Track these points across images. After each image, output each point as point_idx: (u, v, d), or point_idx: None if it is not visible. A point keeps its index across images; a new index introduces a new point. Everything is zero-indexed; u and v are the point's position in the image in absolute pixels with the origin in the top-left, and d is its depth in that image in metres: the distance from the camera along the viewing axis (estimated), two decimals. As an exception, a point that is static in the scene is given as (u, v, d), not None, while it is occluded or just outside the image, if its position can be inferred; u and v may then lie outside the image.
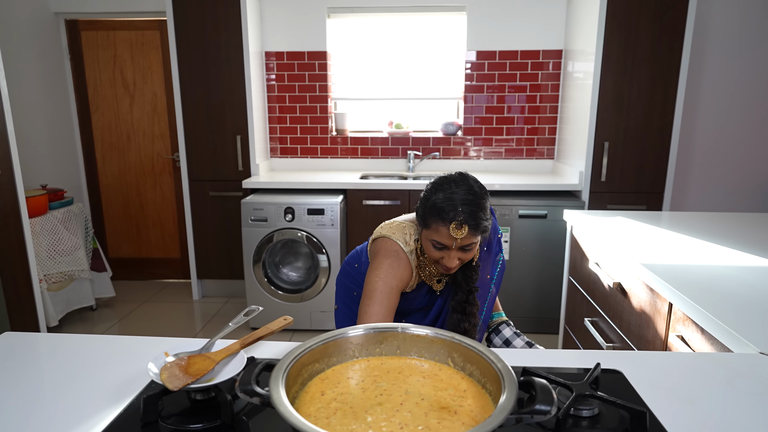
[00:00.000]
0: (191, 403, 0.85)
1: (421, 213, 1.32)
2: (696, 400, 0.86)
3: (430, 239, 1.29)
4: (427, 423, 0.70)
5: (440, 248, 1.29)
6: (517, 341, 1.38)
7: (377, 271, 1.36)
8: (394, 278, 1.36)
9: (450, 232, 1.24)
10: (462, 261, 1.32)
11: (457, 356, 0.84)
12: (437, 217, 1.26)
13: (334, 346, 0.85)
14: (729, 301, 1.30)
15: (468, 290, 1.43)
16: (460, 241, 1.26)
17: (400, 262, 1.39)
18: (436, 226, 1.26)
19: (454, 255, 1.29)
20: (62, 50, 3.82)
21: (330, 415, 0.72)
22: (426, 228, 1.30)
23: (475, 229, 1.26)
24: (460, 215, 1.24)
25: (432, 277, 1.46)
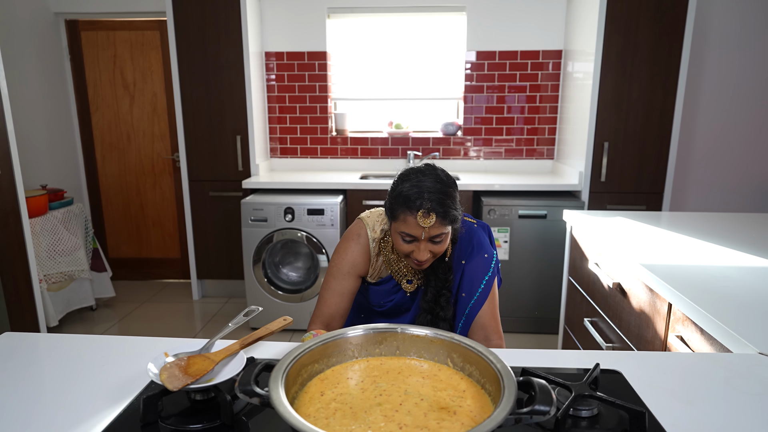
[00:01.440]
0: (191, 403, 0.85)
1: (389, 205, 1.28)
2: (695, 401, 0.87)
3: (399, 231, 1.24)
4: (427, 423, 0.70)
5: (410, 241, 1.24)
6: None
7: (334, 254, 1.43)
8: (346, 263, 1.39)
9: (418, 221, 1.20)
10: (433, 254, 1.27)
11: (457, 357, 0.84)
12: (404, 207, 1.22)
13: (334, 347, 0.85)
14: (728, 301, 1.30)
15: (437, 288, 1.36)
16: (429, 230, 1.21)
17: (356, 246, 1.39)
18: (404, 217, 1.22)
19: (424, 247, 1.24)
20: (62, 50, 3.83)
21: (329, 416, 0.72)
22: (394, 220, 1.25)
23: (444, 218, 1.22)
24: (427, 203, 1.20)
25: (401, 276, 1.41)
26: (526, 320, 3.22)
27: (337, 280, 1.39)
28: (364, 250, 1.40)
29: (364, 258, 1.40)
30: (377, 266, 1.42)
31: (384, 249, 1.40)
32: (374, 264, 1.41)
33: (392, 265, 1.40)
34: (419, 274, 1.42)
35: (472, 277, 1.38)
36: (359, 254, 1.40)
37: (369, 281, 1.44)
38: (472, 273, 1.38)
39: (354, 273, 1.40)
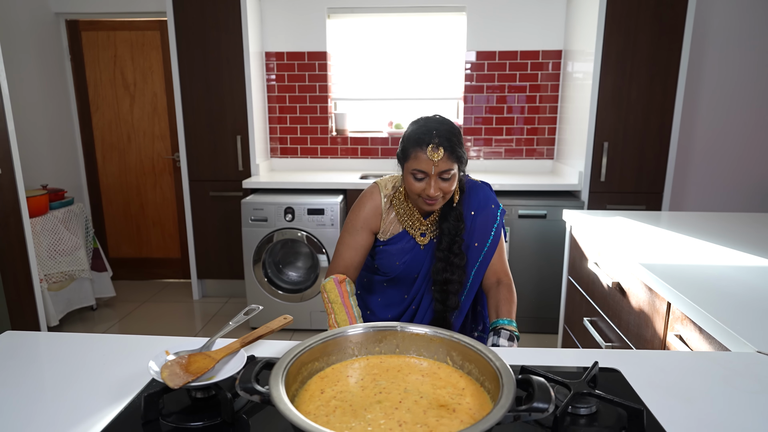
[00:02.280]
0: (192, 401, 0.86)
1: (401, 149, 1.38)
2: (694, 399, 0.87)
3: (411, 170, 1.34)
4: (426, 421, 0.71)
5: (421, 178, 1.33)
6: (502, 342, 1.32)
7: (349, 213, 1.51)
8: (359, 219, 1.48)
9: (428, 155, 1.29)
10: (443, 193, 1.35)
11: (456, 355, 0.84)
12: (415, 144, 1.32)
13: (334, 345, 0.85)
14: (727, 300, 1.30)
15: (451, 236, 1.44)
16: (438, 164, 1.30)
17: (369, 203, 1.48)
18: (415, 154, 1.32)
19: (434, 184, 1.32)
20: (63, 50, 3.83)
21: (329, 413, 0.72)
22: (406, 160, 1.35)
23: (451, 153, 1.31)
24: (436, 138, 1.30)
25: (415, 230, 1.49)
26: (526, 319, 3.23)
27: (351, 235, 1.48)
28: (376, 207, 1.49)
29: (376, 213, 1.48)
30: (389, 222, 1.48)
31: (395, 203, 1.48)
32: (386, 220, 1.48)
33: (405, 219, 1.47)
34: (432, 226, 1.48)
35: (483, 228, 1.49)
36: (371, 210, 1.48)
37: (381, 240, 1.50)
38: (483, 223, 1.49)
39: (366, 228, 1.48)
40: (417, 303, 1.52)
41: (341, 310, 1.38)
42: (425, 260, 1.49)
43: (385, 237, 1.50)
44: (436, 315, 1.47)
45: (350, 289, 1.45)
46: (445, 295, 1.44)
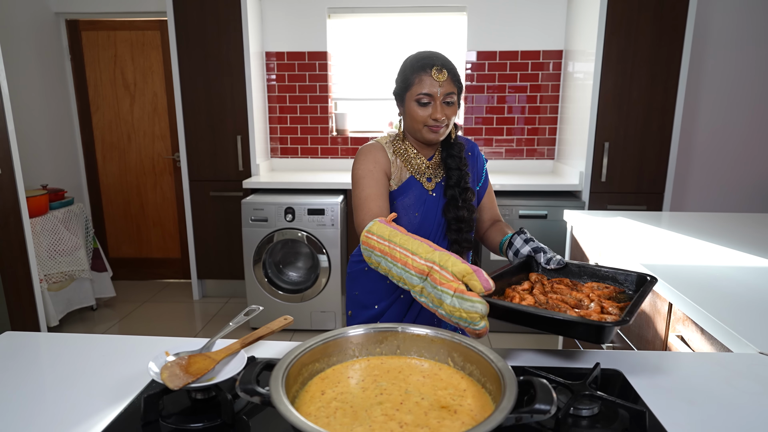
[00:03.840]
0: (192, 402, 0.86)
1: (401, 81, 1.38)
2: (695, 400, 0.87)
3: (416, 96, 1.32)
4: (428, 422, 0.70)
5: (426, 103, 1.32)
6: (524, 249, 1.30)
7: (355, 167, 1.41)
8: (371, 162, 1.40)
9: (433, 76, 1.30)
10: (447, 118, 1.33)
11: (457, 356, 0.84)
12: (418, 69, 1.33)
13: (335, 346, 0.85)
14: (729, 301, 1.30)
15: (459, 170, 1.43)
16: (444, 85, 1.31)
17: (373, 149, 1.44)
18: (419, 78, 1.32)
19: (440, 107, 1.32)
20: (63, 50, 3.83)
21: (330, 415, 0.72)
22: (408, 88, 1.34)
23: (454, 76, 1.34)
24: (438, 61, 1.33)
25: (421, 174, 1.44)
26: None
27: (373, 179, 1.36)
28: (383, 153, 1.43)
29: (386, 157, 1.43)
30: (397, 167, 1.45)
31: (396, 148, 1.45)
32: (395, 163, 1.44)
33: (410, 163, 1.44)
34: (436, 170, 1.45)
35: (478, 168, 1.52)
36: (378, 153, 1.42)
37: (395, 191, 1.44)
38: (476, 164, 1.52)
39: (381, 169, 1.39)
40: None
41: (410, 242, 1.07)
42: (437, 208, 1.45)
43: (396, 185, 1.44)
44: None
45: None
46: (460, 233, 1.43)
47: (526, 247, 1.30)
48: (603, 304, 1.01)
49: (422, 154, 1.45)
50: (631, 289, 1.13)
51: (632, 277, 1.14)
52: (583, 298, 1.05)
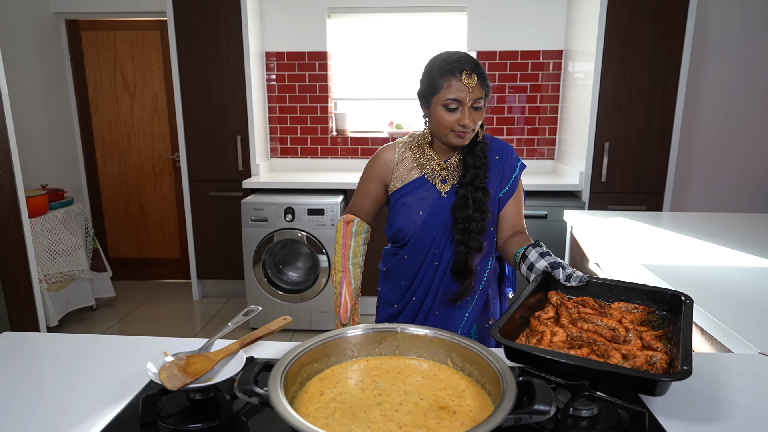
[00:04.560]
0: (190, 403, 0.85)
1: (427, 84, 1.33)
2: (695, 401, 0.86)
3: (444, 101, 1.29)
4: (426, 423, 0.70)
5: (454, 108, 1.29)
6: (540, 263, 1.21)
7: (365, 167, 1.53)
8: (368, 170, 1.51)
9: (462, 81, 1.27)
10: (475, 123, 1.31)
11: (457, 356, 0.84)
12: (447, 73, 1.29)
13: (333, 346, 0.85)
14: (729, 301, 1.30)
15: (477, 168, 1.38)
16: (473, 91, 1.28)
17: (379, 154, 1.49)
18: (448, 83, 1.28)
19: (468, 112, 1.29)
20: (63, 50, 3.83)
21: (329, 415, 0.72)
22: (436, 93, 1.30)
23: (483, 81, 1.30)
24: (468, 65, 1.28)
25: (435, 177, 1.42)
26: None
27: (364, 183, 1.52)
28: (387, 156, 1.47)
29: (386, 162, 1.47)
30: (404, 169, 1.45)
31: (413, 148, 1.45)
32: (399, 167, 1.45)
33: (423, 163, 1.43)
34: (454, 172, 1.42)
35: (506, 173, 1.45)
36: (380, 160, 1.48)
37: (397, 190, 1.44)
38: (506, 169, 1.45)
39: (375, 177, 1.49)
40: (439, 258, 1.43)
41: (339, 249, 1.49)
42: (447, 208, 1.41)
43: (400, 184, 1.44)
44: (458, 258, 1.39)
45: (356, 230, 1.49)
46: (467, 234, 1.37)
47: (542, 261, 1.21)
48: (642, 335, 0.93)
49: (439, 156, 1.42)
50: (662, 309, 1.05)
51: (664, 296, 1.05)
52: (615, 326, 0.97)
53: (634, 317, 1.01)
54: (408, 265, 1.47)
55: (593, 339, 0.91)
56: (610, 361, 0.84)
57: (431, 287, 1.46)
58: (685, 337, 0.84)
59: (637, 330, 0.95)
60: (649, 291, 1.07)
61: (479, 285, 1.47)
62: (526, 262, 1.24)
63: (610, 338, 0.93)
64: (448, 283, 1.44)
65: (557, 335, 0.91)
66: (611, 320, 0.99)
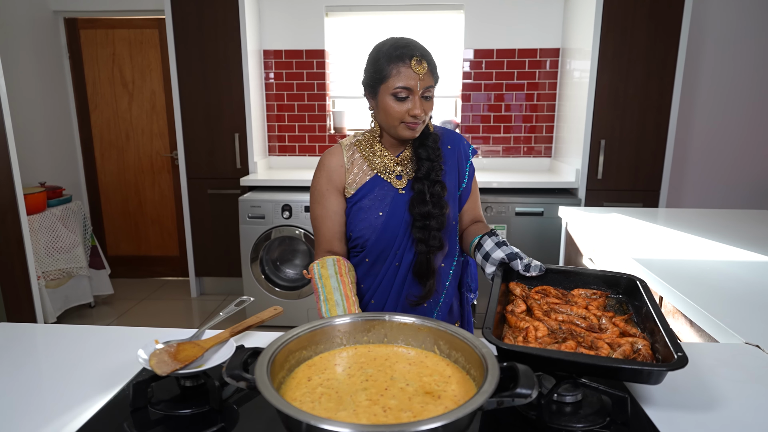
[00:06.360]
0: (181, 389, 0.87)
1: (373, 71, 1.24)
2: (679, 387, 0.87)
3: (393, 90, 1.21)
4: (411, 406, 0.71)
5: (404, 97, 1.21)
6: (497, 253, 1.16)
7: (312, 182, 1.38)
8: (322, 181, 1.35)
9: (413, 68, 1.19)
10: (426, 114, 1.24)
11: (443, 344, 0.85)
12: (396, 59, 1.20)
13: (322, 334, 0.86)
14: (718, 294, 1.31)
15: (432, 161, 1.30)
16: (424, 78, 1.21)
17: (328, 160, 1.35)
18: (397, 70, 1.20)
19: (419, 102, 1.21)
20: (61, 48, 3.84)
21: (315, 400, 0.73)
22: (384, 81, 1.22)
23: (433, 69, 1.24)
24: (417, 51, 1.21)
25: (389, 173, 1.33)
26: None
27: (320, 204, 1.35)
28: (337, 161, 1.35)
29: (337, 167, 1.34)
30: (356, 172, 1.34)
31: (360, 147, 1.35)
32: (351, 170, 1.34)
33: (375, 161, 1.33)
34: (407, 167, 1.34)
35: (459, 162, 1.39)
36: (331, 167, 1.34)
37: (352, 196, 1.34)
38: (459, 158, 1.39)
39: (332, 188, 1.34)
40: (399, 259, 1.33)
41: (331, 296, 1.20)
42: (406, 206, 1.32)
43: (355, 189, 1.33)
44: (419, 258, 1.29)
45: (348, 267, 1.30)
46: (427, 232, 1.28)
47: (499, 251, 1.17)
48: (615, 322, 0.94)
49: (390, 151, 1.34)
50: (617, 293, 1.07)
51: (619, 280, 1.08)
52: (585, 314, 0.98)
53: (598, 303, 1.03)
54: (369, 268, 1.37)
55: (573, 330, 0.93)
56: (600, 352, 0.86)
57: (392, 290, 1.35)
58: (663, 322, 0.86)
59: (607, 316, 0.97)
60: (604, 276, 1.10)
61: (443, 286, 1.39)
62: (482, 251, 1.22)
63: (586, 327, 0.94)
64: (410, 286, 1.34)
65: (539, 330, 0.92)
66: (579, 308, 1.00)
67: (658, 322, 0.88)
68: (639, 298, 1.00)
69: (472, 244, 1.29)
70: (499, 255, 1.18)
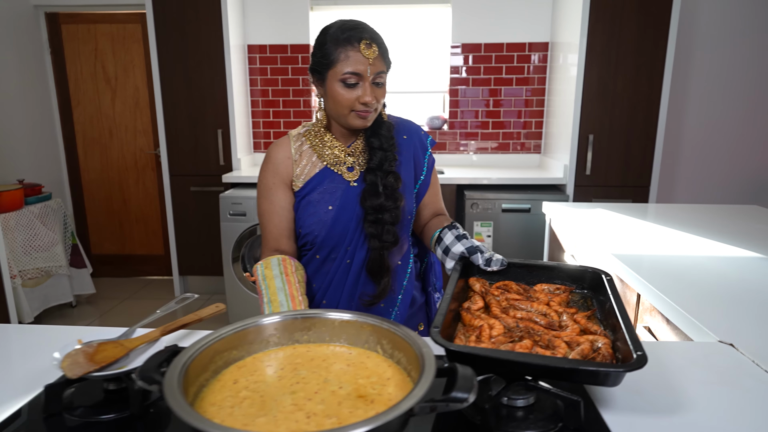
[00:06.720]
0: (104, 393, 0.80)
1: (320, 56, 1.15)
2: (643, 389, 0.81)
3: (341, 75, 1.12)
4: (338, 412, 0.65)
5: (353, 84, 1.13)
6: (456, 247, 1.11)
7: (259, 175, 1.30)
8: (268, 175, 1.26)
9: (362, 53, 1.11)
10: (378, 101, 1.16)
11: (386, 343, 0.79)
12: (344, 43, 1.11)
13: (255, 333, 0.80)
14: (696, 290, 1.25)
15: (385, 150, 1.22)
16: (374, 63, 1.12)
17: (271, 152, 1.27)
18: (345, 54, 1.11)
19: (370, 88, 1.13)
20: (42, 44, 3.77)
21: (236, 404, 0.67)
22: (332, 66, 1.13)
23: (384, 54, 1.15)
24: (367, 33, 1.13)
25: (339, 164, 1.25)
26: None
27: (267, 199, 1.26)
28: (283, 153, 1.26)
29: (284, 160, 1.25)
30: (304, 164, 1.25)
31: (309, 138, 1.27)
32: (299, 162, 1.25)
33: (324, 152, 1.24)
34: (360, 158, 1.25)
35: (416, 154, 1.31)
36: (277, 159, 1.26)
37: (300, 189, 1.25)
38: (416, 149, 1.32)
39: (279, 182, 1.26)
40: (351, 255, 1.25)
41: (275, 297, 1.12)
42: (358, 199, 1.23)
43: (303, 182, 1.25)
44: (373, 254, 1.21)
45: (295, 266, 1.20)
46: (380, 226, 1.19)
47: (459, 245, 1.12)
48: (576, 318, 0.88)
49: (341, 141, 1.26)
50: (582, 287, 1.02)
51: (584, 274, 1.02)
52: (546, 310, 0.92)
53: (560, 299, 0.97)
54: (320, 265, 1.28)
55: (531, 328, 0.86)
56: (557, 351, 0.79)
57: (344, 290, 1.27)
58: (625, 319, 0.79)
59: (568, 313, 0.91)
60: (568, 269, 1.05)
61: (401, 285, 1.30)
62: (442, 245, 1.16)
63: (546, 324, 0.88)
64: (364, 285, 1.26)
65: (494, 328, 0.85)
66: (540, 304, 0.94)
67: (620, 318, 0.81)
68: (604, 293, 0.94)
69: (433, 239, 1.23)
70: (459, 249, 1.12)
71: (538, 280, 1.06)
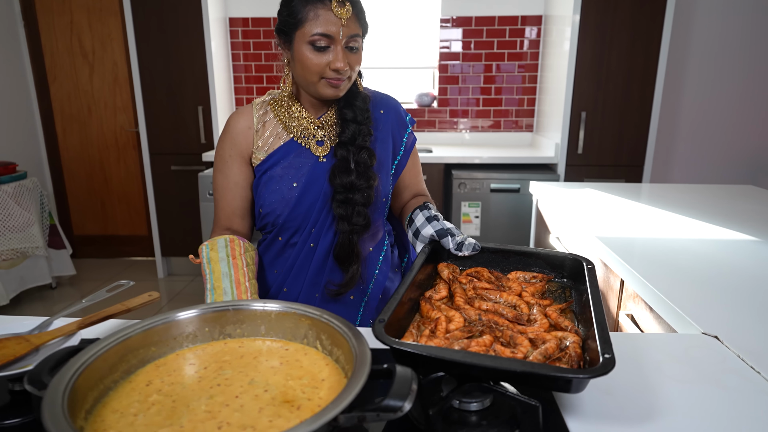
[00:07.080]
0: (11, 395, 0.71)
1: (287, 14, 1.04)
2: (615, 390, 0.73)
3: (310, 37, 1.00)
4: (256, 422, 0.56)
5: (324, 47, 1.00)
6: (426, 230, 1.03)
7: (217, 146, 1.19)
8: (225, 146, 1.15)
9: (333, 12, 0.98)
10: (351, 68, 1.04)
11: (326, 338, 0.70)
12: (314, 0, 0.99)
13: (177, 327, 0.71)
14: (683, 276, 1.16)
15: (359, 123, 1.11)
16: (347, 24, 1.00)
17: (231, 121, 1.15)
18: (315, 12, 0.99)
19: (342, 53, 1.01)
20: (15, 16, 3.62)
21: (141, 412, 0.58)
22: (300, 26, 1.01)
23: (359, 14, 1.03)
24: None
25: (308, 137, 1.13)
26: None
27: (222, 172, 1.15)
28: (245, 121, 1.15)
29: (246, 128, 1.14)
30: (268, 135, 1.14)
31: (275, 107, 1.15)
32: (262, 133, 1.14)
33: (291, 123, 1.13)
34: (331, 130, 1.14)
35: (394, 130, 1.21)
36: (237, 129, 1.14)
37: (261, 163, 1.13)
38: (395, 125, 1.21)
39: (236, 154, 1.14)
40: (316, 239, 1.15)
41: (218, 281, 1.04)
42: (326, 176, 1.12)
43: (264, 155, 1.13)
44: (341, 238, 1.11)
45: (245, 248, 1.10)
46: (350, 207, 1.08)
47: (428, 227, 1.03)
48: (546, 311, 0.81)
49: (310, 112, 1.14)
50: (561, 276, 0.93)
51: (564, 261, 0.93)
52: (516, 302, 0.84)
53: (534, 289, 0.88)
54: (282, 249, 1.18)
55: (495, 322, 0.77)
56: (518, 350, 0.71)
57: (307, 277, 1.17)
58: (599, 315, 0.70)
59: (540, 305, 0.82)
60: (547, 256, 0.95)
61: (372, 274, 1.21)
62: (413, 227, 1.07)
63: (513, 318, 0.79)
64: (331, 272, 1.16)
65: (453, 321, 0.77)
66: (511, 295, 0.85)
67: (593, 312, 0.73)
68: (585, 282, 0.85)
69: (407, 221, 1.13)
70: (428, 231, 1.03)
71: (513, 267, 0.97)
